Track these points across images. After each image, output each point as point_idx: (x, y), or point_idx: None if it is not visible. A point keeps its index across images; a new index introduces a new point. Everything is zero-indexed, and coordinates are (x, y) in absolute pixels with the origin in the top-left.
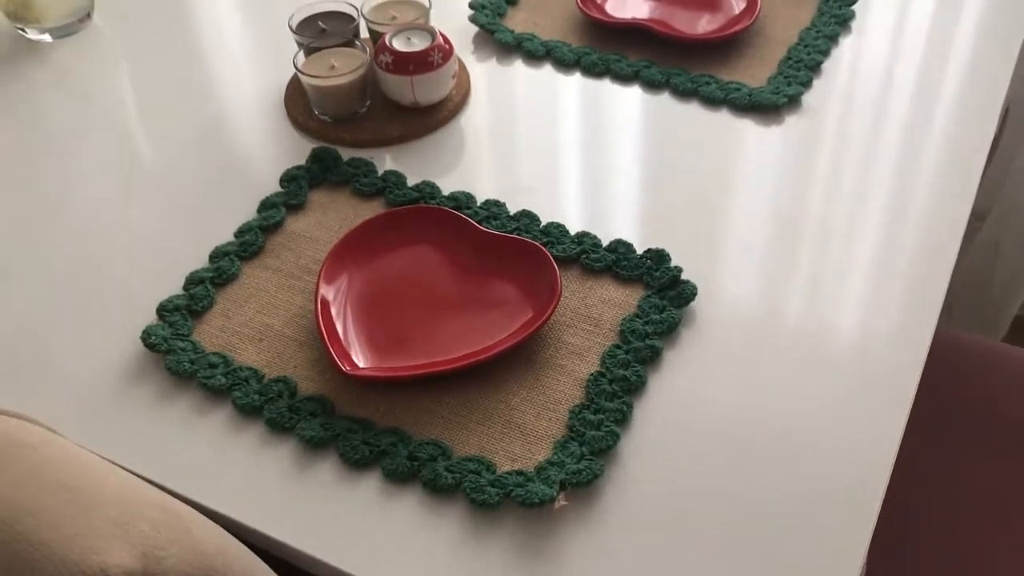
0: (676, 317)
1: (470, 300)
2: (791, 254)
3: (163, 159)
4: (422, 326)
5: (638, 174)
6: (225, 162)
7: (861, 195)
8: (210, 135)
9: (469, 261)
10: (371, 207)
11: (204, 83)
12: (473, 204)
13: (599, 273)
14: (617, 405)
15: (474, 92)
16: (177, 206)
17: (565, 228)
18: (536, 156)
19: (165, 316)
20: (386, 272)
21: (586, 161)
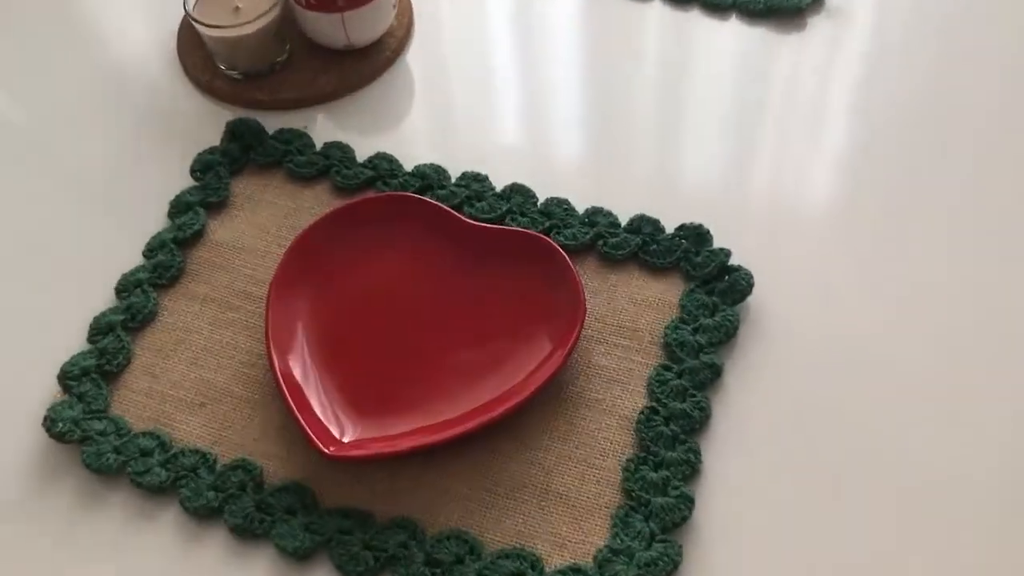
0: (733, 319)
1: (469, 325)
2: (863, 206)
3: (30, 152)
4: (413, 370)
5: (645, 115)
6: (111, 149)
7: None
8: (87, 113)
9: (459, 268)
10: (314, 194)
11: (69, 38)
12: (447, 181)
13: (622, 263)
14: (682, 454)
15: (418, 20)
16: (58, 222)
17: (570, 205)
18: (513, 98)
19: (70, 387)
20: (352, 297)
21: (574, 97)
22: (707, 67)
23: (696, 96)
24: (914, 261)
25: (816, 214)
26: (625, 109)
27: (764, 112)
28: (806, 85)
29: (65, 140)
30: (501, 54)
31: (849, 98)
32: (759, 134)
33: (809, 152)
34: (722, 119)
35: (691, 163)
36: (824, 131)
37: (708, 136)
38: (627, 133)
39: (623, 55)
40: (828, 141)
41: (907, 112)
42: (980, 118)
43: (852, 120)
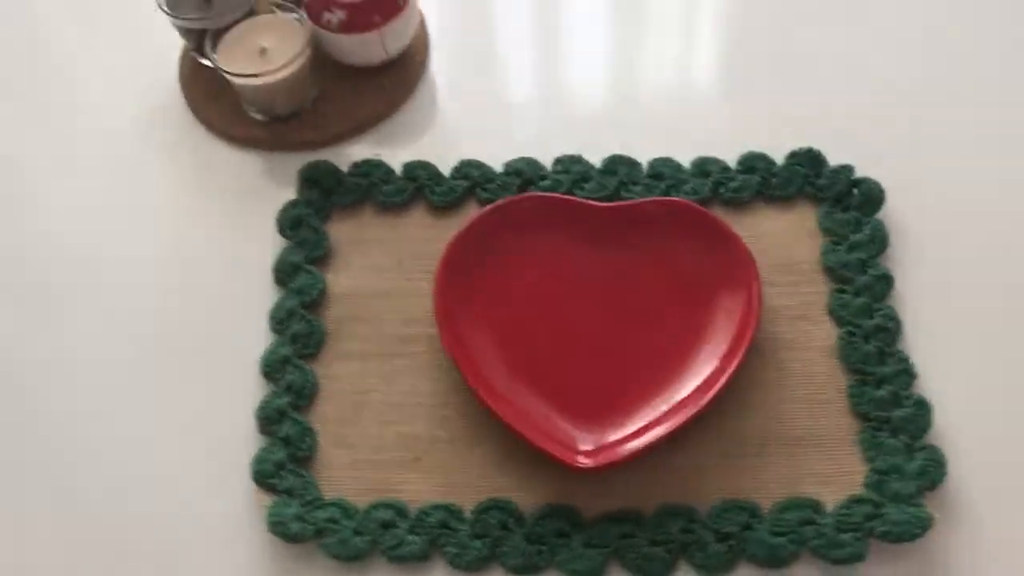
0: (881, 229)
1: (645, 307)
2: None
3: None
4: (611, 363)
5: (699, 61)
6: (182, 237)
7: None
8: (123, 217)
9: (610, 253)
10: (413, 219)
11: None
12: (545, 171)
13: (748, 204)
14: (895, 365)
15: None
16: (167, 327)
17: (675, 162)
18: (559, 69)
19: (273, 486)
20: (522, 306)
21: (612, 61)
22: None
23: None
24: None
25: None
26: (703, 61)
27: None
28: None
29: (123, 243)
30: (514, 26)
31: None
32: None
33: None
34: (781, 24)
35: (763, 75)
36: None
37: (778, 43)
38: (692, 73)
39: None
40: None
41: None
42: None
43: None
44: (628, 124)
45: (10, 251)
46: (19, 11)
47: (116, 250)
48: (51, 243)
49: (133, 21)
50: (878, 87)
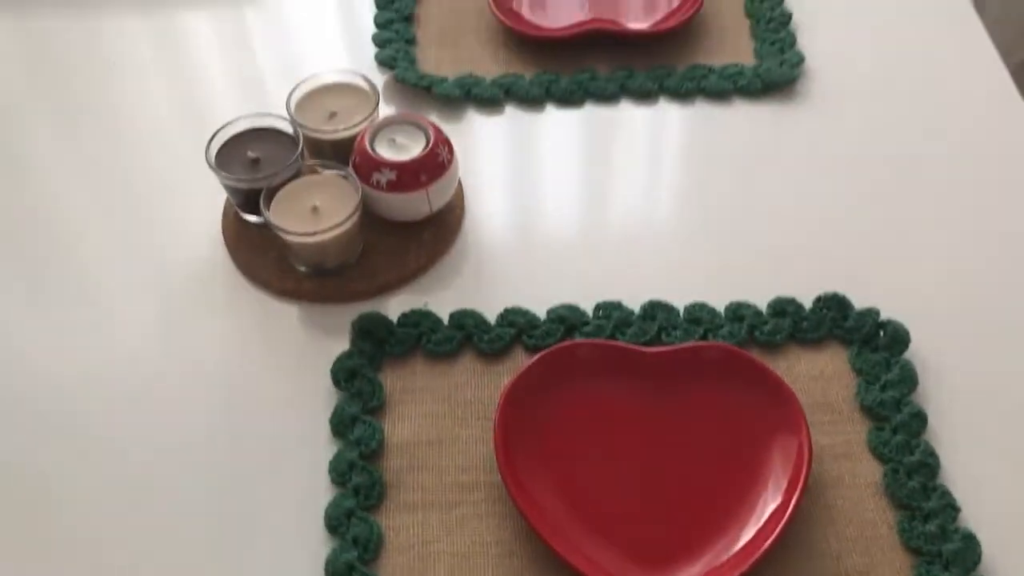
0: (910, 369)
1: (697, 454)
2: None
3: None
4: (671, 513)
5: (717, 207)
6: (230, 401)
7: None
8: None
9: (656, 399)
10: (464, 367)
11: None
12: (587, 317)
13: (781, 346)
14: (938, 500)
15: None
16: (230, 481)
17: (709, 306)
18: (577, 215)
19: None
20: (581, 455)
21: (637, 208)
22: (727, 153)
23: (745, 180)
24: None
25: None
26: (693, 201)
27: (803, 180)
28: (828, 153)
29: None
30: (544, 176)
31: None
32: (817, 200)
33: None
34: (776, 199)
35: (773, 230)
36: (863, 187)
37: (767, 207)
38: (709, 227)
39: (651, 155)
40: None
41: None
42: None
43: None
44: (664, 272)
45: (69, 404)
46: (63, 165)
47: (171, 410)
48: (105, 406)
49: (176, 178)
50: (901, 229)
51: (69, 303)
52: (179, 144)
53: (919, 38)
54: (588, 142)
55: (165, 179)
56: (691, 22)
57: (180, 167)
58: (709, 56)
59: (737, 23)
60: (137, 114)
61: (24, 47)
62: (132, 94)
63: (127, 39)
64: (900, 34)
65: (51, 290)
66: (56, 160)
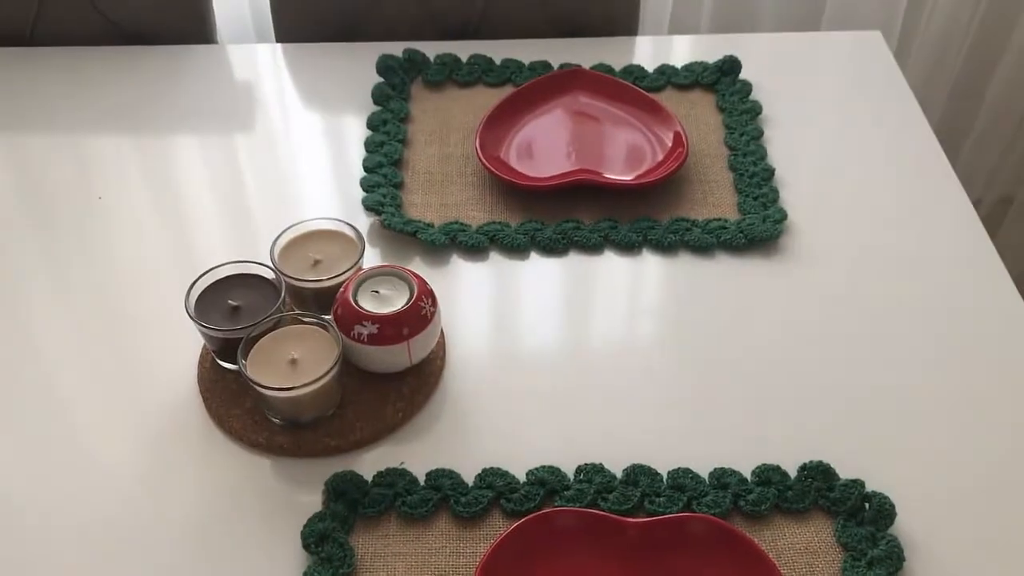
0: (896, 546)
1: None
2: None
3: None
4: None
5: (700, 363)
6: (199, 549)
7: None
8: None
9: (638, 572)
10: (440, 531)
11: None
12: (568, 481)
13: (766, 517)
14: None
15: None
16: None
17: (695, 473)
18: (576, 373)
19: None
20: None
21: (619, 362)
22: (712, 308)
23: (728, 337)
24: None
25: (898, 420)
26: (695, 365)
27: (797, 341)
28: (822, 309)
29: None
30: (526, 324)
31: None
32: (805, 363)
33: (850, 368)
34: (763, 355)
35: (749, 391)
36: (857, 356)
37: (755, 366)
38: (682, 388)
39: (632, 308)
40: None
41: None
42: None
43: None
44: (645, 431)
45: (38, 543)
46: (44, 296)
47: (138, 558)
48: (74, 548)
49: (157, 318)
50: (884, 396)
51: (43, 439)
52: (162, 283)
53: (895, 192)
54: (571, 291)
55: (146, 318)
56: (675, 175)
57: (162, 306)
58: (693, 209)
59: (720, 176)
60: (122, 249)
61: (11, 170)
62: (119, 226)
63: (116, 164)
64: (877, 188)
65: (27, 425)
66: (38, 291)
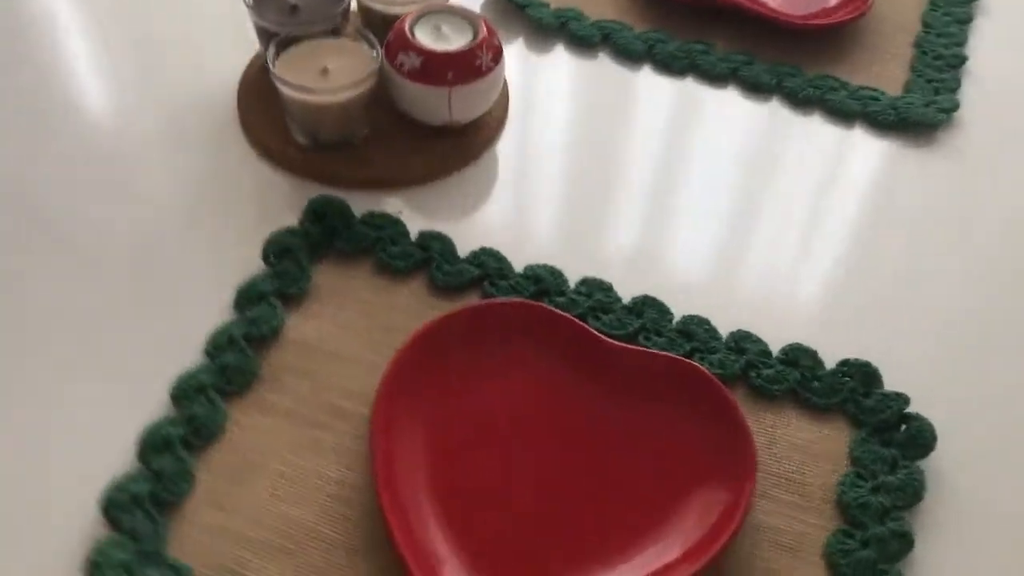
0: (919, 479)
1: (611, 468)
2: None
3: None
4: (545, 520)
5: (782, 227)
6: (163, 218)
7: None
8: (138, 170)
9: (596, 398)
10: (409, 291)
11: (108, 90)
12: (565, 287)
13: (777, 401)
14: None
15: (512, 101)
16: (101, 309)
17: (711, 325)
18: (629, 194)
19: (120, 520)
20: (475, 422)
21: (690, 205)
22: (827, 178)
23: (838, 212)
24: None
25: (1004, 355)
26: (764, 220)
27: (899, 233)
28: (940, 209)
29: (107, 201)
30: (610, 145)
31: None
32: (900, 257)
33: (959, 279)
34: (855, 239)
35: (847, 287)
36: (977, 258)
37: (863, 257)
38: (764, 245)
39: (721, 153)
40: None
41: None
42: None
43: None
44: (689, 274)
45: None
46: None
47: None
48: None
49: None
50: (979, 330)
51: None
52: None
53: None
54: (675, 119)
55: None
56: (842, 27)
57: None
58: (849, 72)
59: (899, 50)
60: None
61: None
62: None
63: None
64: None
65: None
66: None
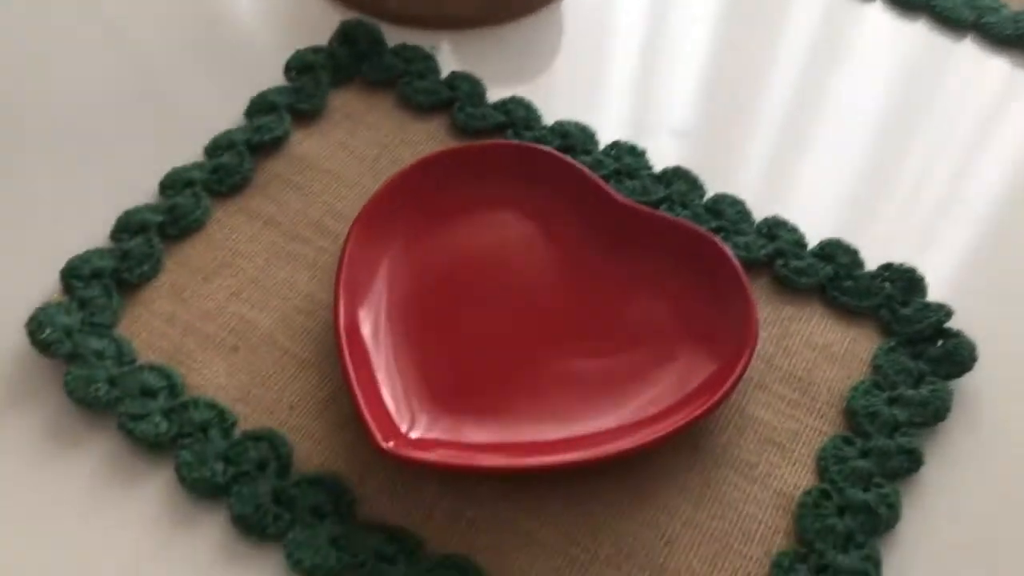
0: (945, 397)
1: (596, 325)
2: None
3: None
4: (516, 362)
5: (853, 125)
6: (191, 32)
7: None
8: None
9: (595, 252)
10: (427, 129)
11: None
12: (593, 147)
13: (802, 294)
14: (857, 561)
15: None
16: (112, 98)
17: (745, 207)
18: (691, 75)
19: (75, 288)
20: (456, 257)
21: (765, 85)
22: (927, 87)
23: (916, 118)
24: None
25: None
26: (829, 113)
27: (993, 151)
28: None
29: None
30: (674, 25)
31: None
32: (995, 174)
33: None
34: (943, 151)
35: (904, 192)
36: None
37: (929, 165)
38: (826, 139)
39: (829, 54)
40: None
41: None
42: None
43: None
44: (734, 162)
45: None
46: None
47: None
48: None
49: None
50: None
51: None
52: None
53: None
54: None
55: None
56: None
57: None
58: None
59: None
60: None
61: None
62: None
63: None
64: None
65: None
66: None
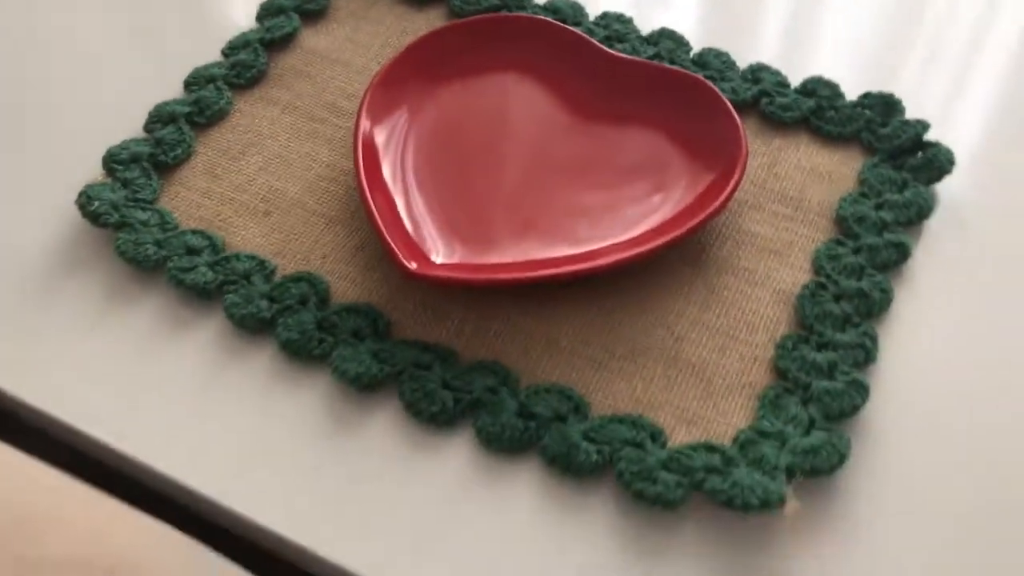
0: (927, 198)
1: (597, 159)
2: None
3: None
4: (526, 199)
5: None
6: None
7: None
8: None
9: (592, 98)
10: (427, 20)
11: None
12: (583, 18)
13: (789, 128)
14: (856, 337)
15: None
16: (134, 8)
17: (729, 57)
18: None
19: (116, 171)
20: (464, 111)
21: None
22: None
23: None
24: None
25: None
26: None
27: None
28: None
29: None
30: None
31: None
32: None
33: None
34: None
35: (885, 24)
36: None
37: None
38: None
39: None
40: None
41: None
42: None
43: None
44: (719, 20)
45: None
46: None
47: None
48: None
49: None
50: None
51: None
52: None
53: None
54: None
55: None
56: None
57: None
58: None
59: None
60: None
61: None
62: None
63: None
64: None
65: None
66: None
